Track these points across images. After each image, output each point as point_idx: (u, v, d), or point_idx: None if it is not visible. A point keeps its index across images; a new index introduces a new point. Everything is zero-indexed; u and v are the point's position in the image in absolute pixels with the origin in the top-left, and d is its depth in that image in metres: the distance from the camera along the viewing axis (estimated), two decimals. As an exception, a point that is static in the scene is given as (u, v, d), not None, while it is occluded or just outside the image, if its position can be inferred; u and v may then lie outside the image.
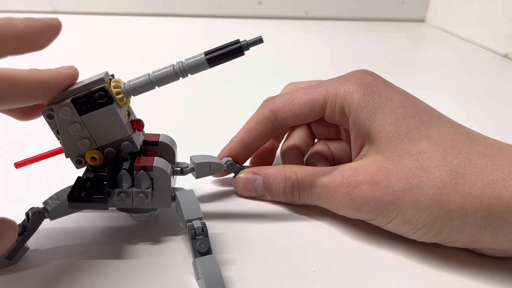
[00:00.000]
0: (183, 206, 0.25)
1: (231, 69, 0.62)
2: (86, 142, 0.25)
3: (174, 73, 0.25)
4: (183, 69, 0.25)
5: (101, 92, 0.24)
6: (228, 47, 0.25)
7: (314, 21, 0.92)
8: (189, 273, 0.25)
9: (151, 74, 0.25)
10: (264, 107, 0.32)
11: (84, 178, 0.25)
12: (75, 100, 0.24)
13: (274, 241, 0.28)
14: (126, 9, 0.88)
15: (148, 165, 0.26)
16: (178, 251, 0.27)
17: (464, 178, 0.25)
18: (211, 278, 0.23)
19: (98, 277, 0.25)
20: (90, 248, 0.27)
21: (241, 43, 0.25)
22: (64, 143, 0.25)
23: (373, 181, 0.26)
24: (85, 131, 0.25)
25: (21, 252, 0.25)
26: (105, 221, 0.29)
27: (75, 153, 0.26)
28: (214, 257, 0.24)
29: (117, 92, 0.25)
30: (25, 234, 0.25)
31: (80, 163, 0.26)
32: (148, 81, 0.25)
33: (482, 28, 0.77)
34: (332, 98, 0.30)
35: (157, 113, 0.44)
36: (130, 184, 0.26)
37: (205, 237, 0.24)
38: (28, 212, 0.25)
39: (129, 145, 0.26)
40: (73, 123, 0.25)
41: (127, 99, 0.26)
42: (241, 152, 0.33)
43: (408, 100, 0.29)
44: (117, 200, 0.26)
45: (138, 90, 0.25)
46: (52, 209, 0.25)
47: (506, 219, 0.24)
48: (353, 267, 0.26)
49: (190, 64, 0.25)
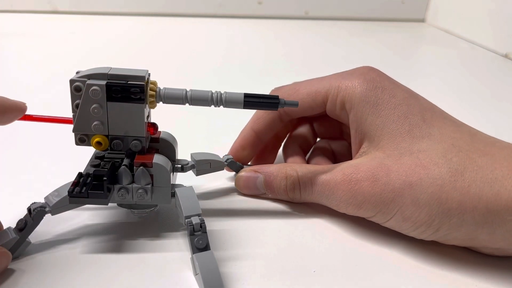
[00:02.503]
0: (182, 203, 0.26)
1: (231, 69, 0.62)
2: (100, 126, 0.26)
3: (210, 100, 0.26)
4: (220, 100, 0.26)
5: (138, 88, 0.25)
6: (267, 99, 0.26)
7: (314, 21, 0.92)
8: (188, 269, 0.25)
9: (189, 92, 0.26)
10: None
11: (84, 174, 0.25)
12: (110, 86, 0.25)
13: (274, 239, 0.28)
14: (126, 9, 0.88)
15: (148, 162, 0.26)
16: (177, 247, 0.27)
17: (463, 176, 0.25)
18: (209, 274, 0.23)
19: (98, 272, 0.25)
20: (90, 243, 0.27)
21: (280, 100, 0.26)
22: (79, 118, 0.25)
23: (373, 178, 0.27)
24: (104, 116, 0.25)
25: (23, 247, 0.25)
26: (105, 217, 0.29)
27: (83, 131, 0.26)
28: (212, 253, 0.24)
29: (151, 94, 0.25)
30: (26, 229, 0.25)
31: (83, 141, 0.26)
32: (183, 96, 0.26)
33: (482, 28, 0.77)
34: (334, 91, 0.30)
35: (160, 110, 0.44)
36: (130, 180, 0.26)
37: (203, 233, 0.24)
38: (30, 207, 0.26)
39: (138, 145, 0.26)
40: (97, 104, 0.25)
41: (157, 103, 0.26)
42: (252, 141, 0.33)
43: (411, 98, 0.29)
44: (118, 196, 0.26)
45: (171, 100, 0.26)
46: (53, 204, 0.26)
47: (503, 218, 0.24)
48: (353, 266, 0.26)
49: (228, 99, 0.26)
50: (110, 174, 0.25)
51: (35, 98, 0.47)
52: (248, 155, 0.33)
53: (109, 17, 0.87)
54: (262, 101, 0.26)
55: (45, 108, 0.29)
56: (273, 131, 0.33)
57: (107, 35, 0.78)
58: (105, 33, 0.79)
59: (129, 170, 0.26)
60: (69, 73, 0.26)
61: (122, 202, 0.27)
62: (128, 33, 0.80)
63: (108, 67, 0.25)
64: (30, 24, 0.81)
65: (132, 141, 0.26)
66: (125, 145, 0.26)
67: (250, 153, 0.33)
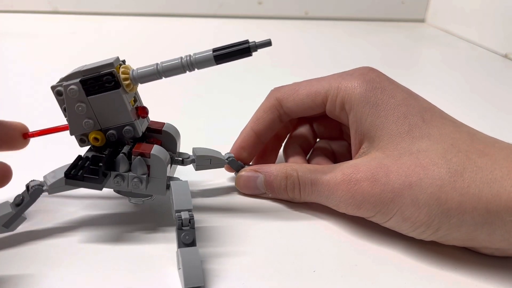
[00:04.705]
0: (174, 196, 0.26)
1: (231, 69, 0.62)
2: (90, 123, 0.26)
3: (181, 66, 0.25)
4: (190, 63, 0.25)
5: (109, 76, 0.25)
6: (236, 46, 0.25)
7: (314, 21, 0.92)
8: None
9: (159, 65, 0.26)
10: (270, 96, 0.33)
11: (83, 157, 0.26)
12: (84, 81, 0.25)
13: (274, 239, 0.28)
14: (126, 9, 0.88)
15: (146, 152, 0.26)
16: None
17: (462, 176, 0.25)
18: (190, 269, 0.23)
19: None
20: (87, 232, 0.28)
21: (250, 44, 0.25)
22: (70, 121, 0.26)
23: (373, 178, 0.27)
24: (90, 112, 0.26)
25: (18, 221, 0.26)
26: (103, 208, 0.30)
27: (79, 131, 0.27)
28: (197, 249, 0.24)
29: (124, 78, 0.25)
30: (23, 204, 0.26)
31: (84, 142, 0.27)
32: (155, 71, 0.26)
33: (482, 28, 0.77)
34: (333, 92, 0.30)
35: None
36: (127, 168, 0.26)
37: (191, 229, 0.24)
38: (28, 184, 0.26)
39: (130, 130, 0.26)
40: (80, 102, 0.25)
41: (134, 85, 0.26)
42: (252, 142, 0.33)
43: (411, 98, 0.29)
44: (113, 183, 0.27)
45: (145, 78, 0.26)
46: (50, 184, 0.26)
47: (503, 218, 0.24)
48: (353, 266, 0.26)
49: (198, 59, 0.25)
50: (107, 160, 0.26)
51: (35, 98, 0.47)
52: (249, 156, 0.33)
53: (109, 17, 0.87)
54: (232, 50, 0.25)
55: (45, 109, 0.29)
56: (273, 131, 0.33)
57: (108, 35, 0.78)
58: (105, 33, 0.79)
59: (127, 158, 0.26)
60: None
61: (117, 189, 0.27)
62: (128, 33, 0.80)
63: (83, 65, 0.26)
64: (30, 24, 0.81)
65: (124, 128, 0.26)
66: (119, 134, 0.27)
67: (250, 153, 0.33)
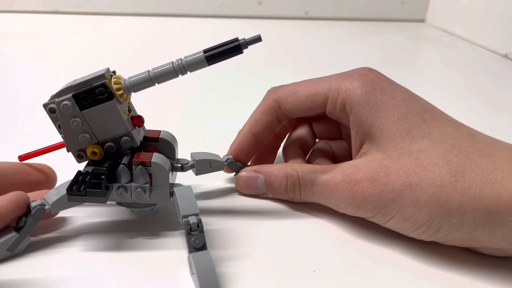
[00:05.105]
0: (180, 202, 0.26)
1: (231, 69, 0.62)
2: (86, 137, 0.26)
3: (173, 71, 0.25)
4: (182, 67, 0.25)
5: (102, 88, 0.25)
6: (226, 45, 0.25)
7: (314, 21, 0.92)
8: (184, 268, 0.25)
9: (151, 71, 0.25)
10: (268, 97, 0.33)
11: (83, 172, 0.26)
12: (77, 96, 0.25)
13: (274, 239, 0.28)
14: (126, 9, 0.88)
15: (146, 161, 0.26)
16: (175, 246, 0.27)
17: (463, 177, 0.25)
18: (204, 273, 0.23)
19: (96, 270, 0.25)
20: (89, 241, 0.27)
21: (240, 41, 0.25)
22: (66, 137, 0.26)
23: (373, 178, 0.27)
24: (85, 126, 0.25)
25: (23, 244, 0.26)
26: (105, 215, 0.30)
27: (76, 147, 0.26)
28: (209, 253, 0.24)
29: (117, 88, 0.25)
30: (26, 226, 0.25)
31: (82, 157, 0.27)
32: (147, 78, 0.25)
33: (482, 28, 0.77)
34: (334, 93, 0.30)
35: (160, 110, 0.44)
36: (128, 179, 0.26)
37: (200, 233, 0.24)
38: (29, 205, 0.26)
39: (128, 141, 0.26)
40: (74, 117, 0.25)
41: (127, 95, 0.26)
42: (250, 144, 0.33)
43: (410, 99, 0.29)
44: (116, 195, 0.26)
45: (138, 86, 0.26)
46: (53, 202, 0.26)
47: (503, 218, 0.24)
48: (353, 266, 0.26)
49: (189, 62, 0.25)
50: (108, 173, 0.26)
51: (35, 98, 0.47)
52: (247, 157, 0.33)
53: (110, 17, 0.87)
54: (223, 49, 0.25)
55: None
56: (271, 132, 0.33)
57: (108, 35, 0.78)
58: (105, 33, 0.79)
59: (128, 169, 0.26)
60: (69, 73, 0.26)
61: (120, 200, 0.27)
62: (128, 33, 0.80)
63: (73, 80, 0.26)
64: (30, 24, 0.81)
65: (122, 139, 0.26)
66: (117, 146, 0.26)
67: (248, 155, 0.33)
